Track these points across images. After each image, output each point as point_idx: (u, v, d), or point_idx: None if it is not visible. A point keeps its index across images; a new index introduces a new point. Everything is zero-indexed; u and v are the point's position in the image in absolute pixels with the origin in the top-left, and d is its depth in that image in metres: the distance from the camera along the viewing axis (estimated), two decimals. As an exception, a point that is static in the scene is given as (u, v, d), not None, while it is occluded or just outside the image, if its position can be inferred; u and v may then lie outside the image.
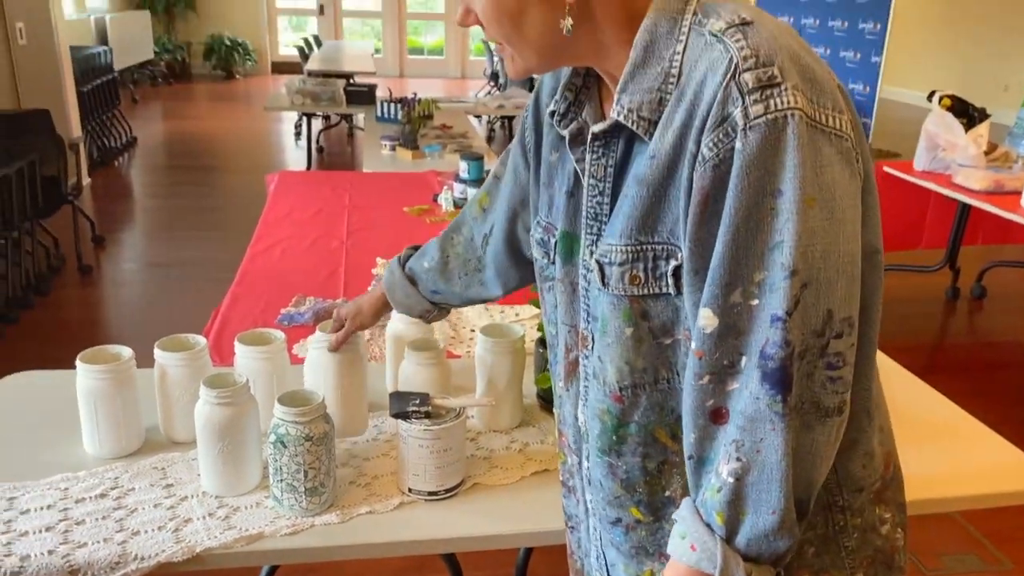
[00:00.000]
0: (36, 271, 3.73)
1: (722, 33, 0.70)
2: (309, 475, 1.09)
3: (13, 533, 1.06)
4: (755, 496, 0.70)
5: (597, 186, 0.81)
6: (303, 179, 3.06)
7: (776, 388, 0.68)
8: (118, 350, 1.25)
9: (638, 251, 0.77)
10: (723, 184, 0.68)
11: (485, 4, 0.77)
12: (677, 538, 0.75)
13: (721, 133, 0.68)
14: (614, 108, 0.77)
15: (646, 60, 0.74)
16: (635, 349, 0.79)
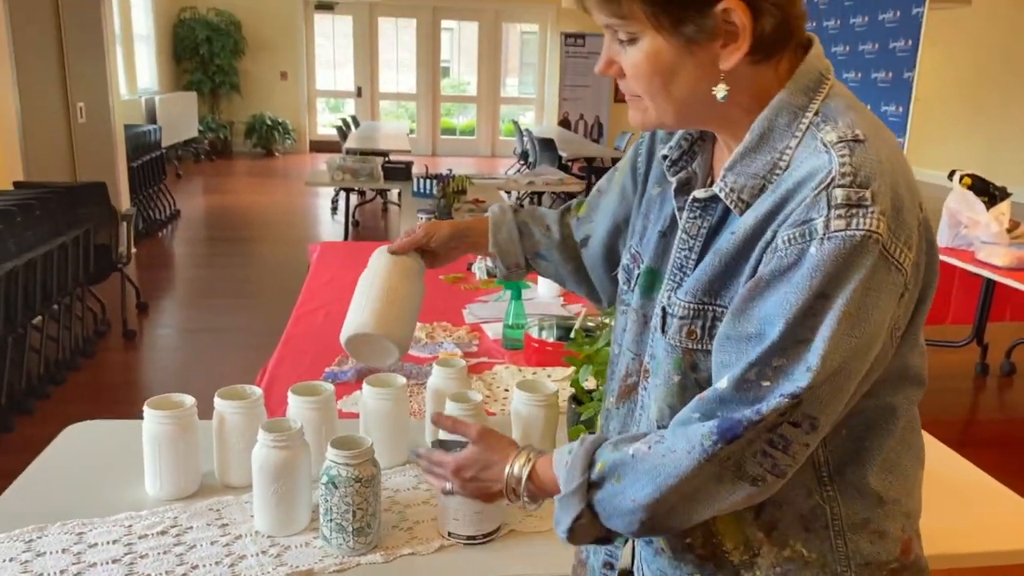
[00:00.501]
0: (84, 335, 3.88)
1: (832, 144, 0.74)
2: (357, 515, 1.16)
3: (83, 564, 1.14)
4: (633, 478, 0.80)
5: (688, 242, 0.86)
6: (344, 248, 3.20)
7: (720, 438, 0.75)
8: (181, 398, 1.35)
9: (700, 310, 0.83)
10: (783, 278, 0.73)
11: (640, 60, 0.79)
12: (565, 451, 0.88)
13: (798, 232, 0.73)
14: (718, 183, 0.82)
15: (759, 147, 0.79)
16: (679, 395, 0.85)
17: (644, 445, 0.81)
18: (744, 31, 0.75)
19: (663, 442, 0.79)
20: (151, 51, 10.55)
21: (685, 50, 0.77)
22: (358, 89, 12.60)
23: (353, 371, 1.87)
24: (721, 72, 0.78)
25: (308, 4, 11.99)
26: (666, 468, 0.78)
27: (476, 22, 12.61)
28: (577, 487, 0.84)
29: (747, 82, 0.79)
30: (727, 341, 0.78)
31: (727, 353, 0.78)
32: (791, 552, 0.84)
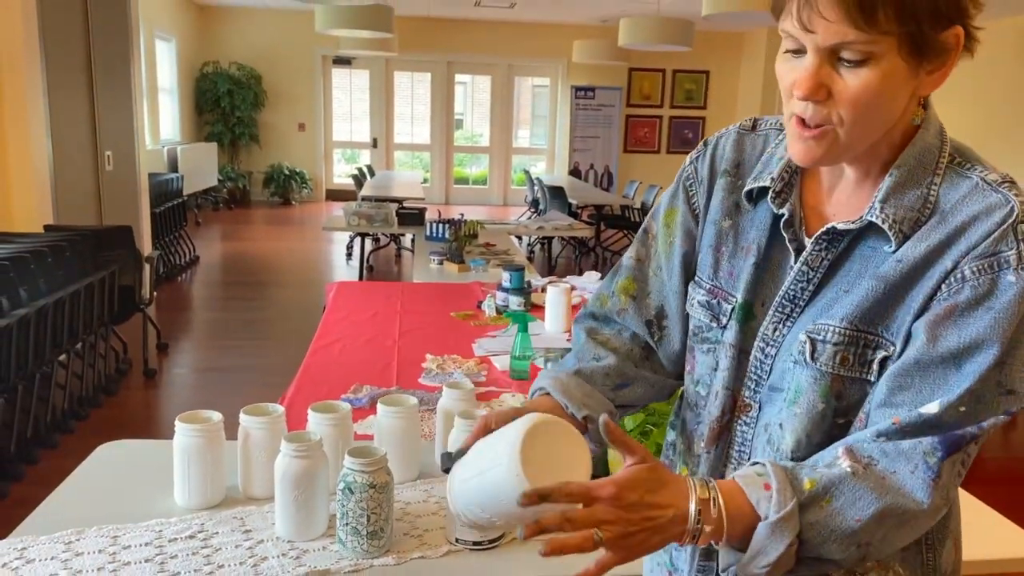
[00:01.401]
0: (106, 372, 4.00)
1: (998, 185, 0.81)
2: (371, 519, 1.25)
3: (118, 563, 1.23)
4: (853, 495, 0.76)
5: (808, 274, 0.87)
6: (359, 288, 3.32)
7: (945, 452, 0.77)
8: (209, 414, 1.46)
9: (855, 336, 0.83)
10: (981, 305, 0.77)
11: (871, 81, 0.76)
12: (753, 473, 0.80)
13: (987, 264, 0.77)
14: (874, 214, 0.83)
15: (908, 181, 0.82)
16: (819, 424, 0.85)
17: (856, 463, 0.78)
18: (954, 57, 0.77)
19: (878, 461, 0.78)
20: (174, 103, 10.91)
21: (913, 73, 0.77)
22: (374, 140, 12.92)
23: (368, 398, 1.98)
24: (920, 98, 0.81)
25: (326, 59, 12.38)
26: (891, 486, 0.76)
27: (489, 76, 12.96)
28: (791, 510, 0.76)
29: (906, 116, 0.82)
30: (915, 366, 0.79)
31: (913, 378, 0.79)
32: (893, 574, 0.87)
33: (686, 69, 12.70)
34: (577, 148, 12.62)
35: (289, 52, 12.07)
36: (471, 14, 11.65)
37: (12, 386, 3.05)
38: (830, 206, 0.90)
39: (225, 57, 11.87)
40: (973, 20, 0.78)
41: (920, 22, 0.74)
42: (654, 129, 12.92)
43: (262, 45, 11.99)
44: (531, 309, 2.83)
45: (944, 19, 0.75)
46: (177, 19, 10.81)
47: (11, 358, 3.01)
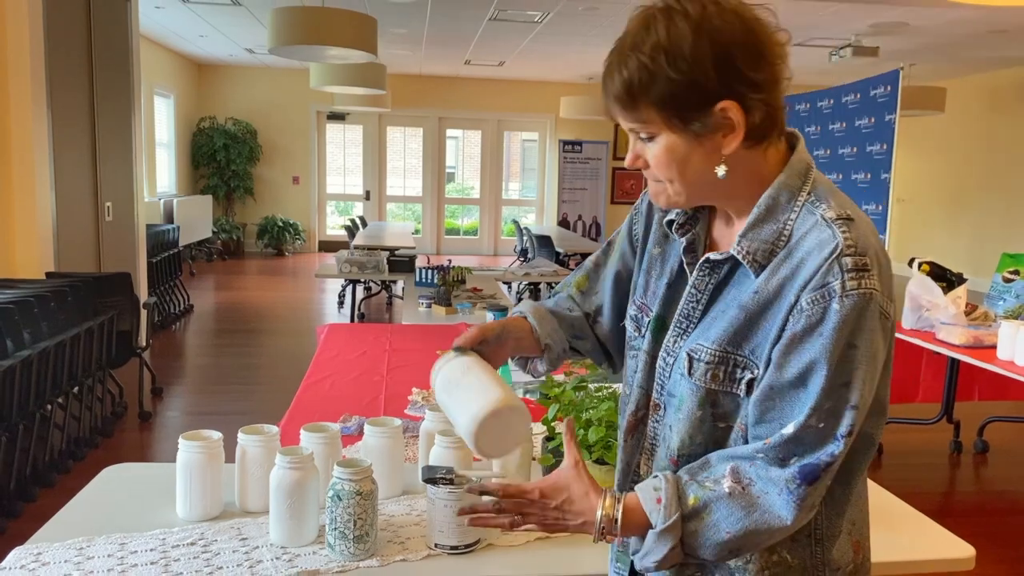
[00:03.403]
0: (103, 415, 4.10)
1: (832, 221, 0.92)
2: (358, 524, 1.38)
3: (127, 565, 1.35)
4: (726, 512, 0.92)
5: (696, 295, 1.02)
6: (349, 329, 3.46)
7: (804, 481, 0.90)
8: (209, 433, 1.59)
9: (724, 357, 0.97)
10: (814, 332, 0.89)
11: (659, 153, 0.95)
12: (650, 487, 0.96)
13: (819, 295, 0.89)
14: (734, 247, 0.97)
15: (766, 218, 0.96)
16: (698, 427, 1.00)
17: (736, 485, 0.92)
18: (739, 124, 0.92)
19: (755, 484, 0.92)
20: (171, 157, 11.17)
21: (695, 142, 0.94)
22: (366, 193, 13.19)
23: (356, 426, 2.11)
24: (723, 156, 0.95)
25: (321, 114, 12.72)
26: (761, 506, 0.91)
27: (479, 131, 13.32)
28: (674, 522, 0.92)
29: (744, 163, 0.97)
30: (771, 391, 0.93)
31: (773, 401, 0.93)
32: (778, 558, 1.00)
33: (670, 123, 13.08)
34: (566, 200, 12.91)
35: (284, 108, 12.41)
36: (461, 72, 12.04)
37: (14, 425, 3.15)
38: (728, 238, 1.05)
39: (222, 113, 12.18)
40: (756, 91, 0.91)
41: (677, 109, 0.92)
42: (640, 181, 13.23)
43: (258, 101, 12.33)
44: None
45: (703, 102, 0.91)
46: (176, 76, 11.14)
47: (13, 398, 3.12)
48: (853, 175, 8.29)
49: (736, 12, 0.92)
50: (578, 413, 1.58)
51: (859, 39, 8.25)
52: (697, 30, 0.90)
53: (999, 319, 3.62)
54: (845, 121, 8.52)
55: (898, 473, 3.91)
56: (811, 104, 9.19)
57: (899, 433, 4.37)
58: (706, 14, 0.91)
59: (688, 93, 0.91)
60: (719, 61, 0.90)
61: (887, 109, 7.69)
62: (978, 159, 10.45)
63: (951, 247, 10.61)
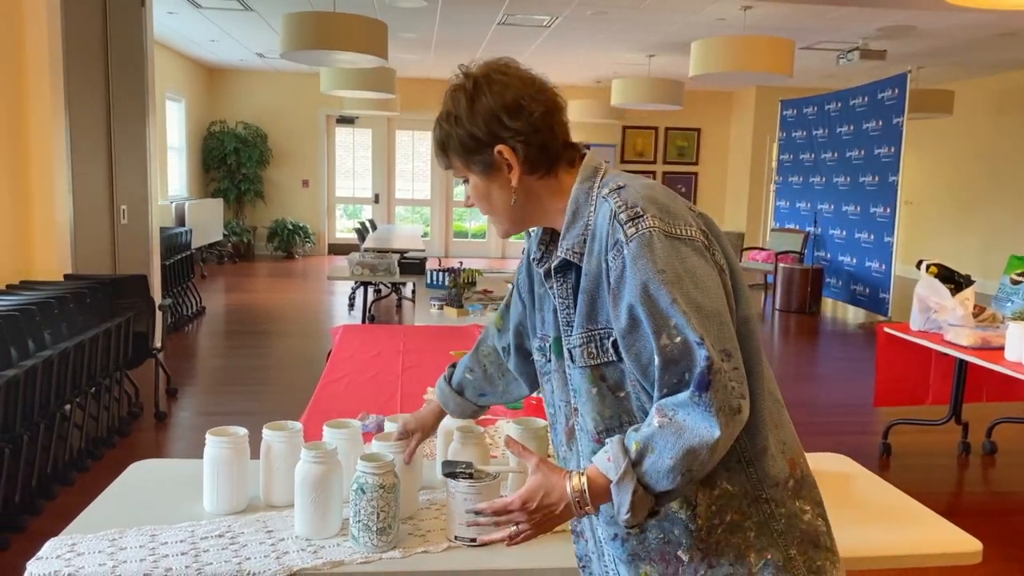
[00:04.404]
0: (120, 415, 4.16)
1: (607, 196, 1.15)
2: (381, 516, 1.43)
3: (158, 555, 1.40)
4: (663, 442, 1.04)
5: (564, 302, 1.21)
6: (363, 330, 3.51)
7: (699, 389, 1.03)
8: (236, 429, 1.64)
9: (590, 335, 1.16)
10: (622, 278, 1.08)
11: (472, 190, 1.25)
12: (601, 453, 1.09)
13: (615, 251, 1.10)
14: (558, 251, 1.19)
15: (574, 219, 1.18)
16: (601, 402, 1.16)
17: (663, 418, 1.04)
18: (513, 160, 1.19)
19: (677, 412, 1.03)
20: (183, 160, 11.27)
21: (489, 179, 1.22)
22: (375, 196, 13.26)
23: (374, 423, 2.15)
24: (512, 188, 1.21)
25: (330, 118, 12.80)
26: (687, 427, 1.02)
27: (487, 133, 13.36)
28: (625, 468, 1.05)
29: (542, 189, 1.22)
30: (624, 341, 1.10)
31: (633, 348, 1.09)
32: (719, 491, 1.12)
33: (678, 127, 13.13)
34: (573, 202, 12.93)
35: (294, 112, 12.49)
36: (470, 75, 12.07)
37: (35, 424, 3.21)
38: None
39: (232, 117, 12.28)
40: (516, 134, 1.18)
41: (467, 155, 1.22)
42: (648, 184, 13.26)
43: (268, 105, 12.42)
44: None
45: (483, 147, 1.20)
46: (188, 81, 11.24)
47: (35, 398, 3.18)
48: (861, 178, 8.30)
49: (502, 82, 1.19)
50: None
51: (866, 42, 8.26)
52: (470, 99, 1.20)
53: (1007, 321, 3.65)
54: (853, 124, 8.54)
55: (907, 474, 3.94)
56: (819, 107, 9.21)
57: (908, 434, 4.40)
58: (477, 86, 1.19)
59: (470, 143, 1.20)
60: (487, 118, 1.19)
61: (895, 112, 7.71)
62: (986, 161, 10.45)
63: (959, 249, 10.60)
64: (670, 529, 1.13)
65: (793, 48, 6.20)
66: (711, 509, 1.12)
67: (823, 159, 9.16)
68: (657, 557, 1.15)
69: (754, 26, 7.56)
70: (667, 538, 1.14)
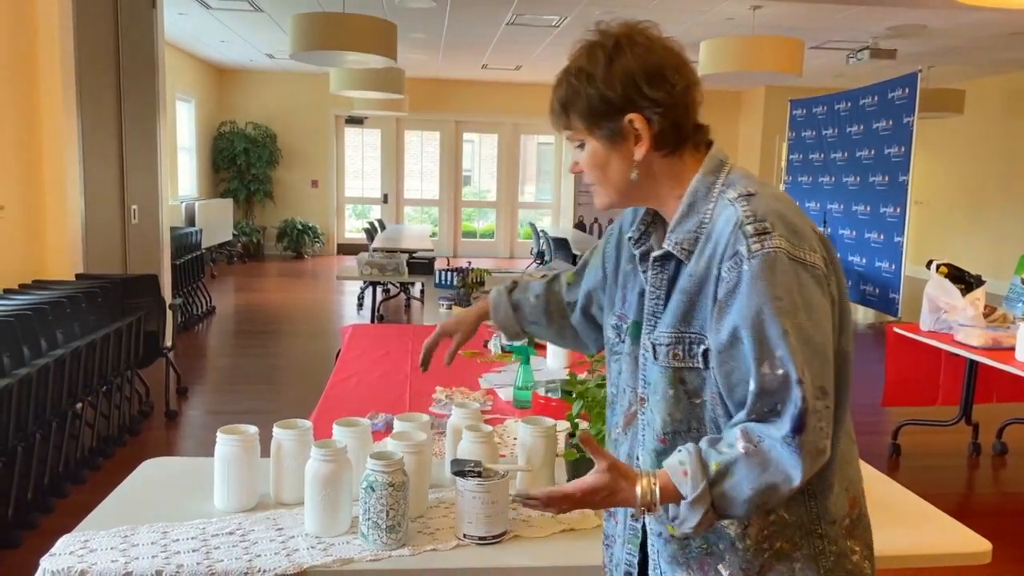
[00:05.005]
0: (131, 413, 4.19)
1: (734, 200, 1.08)
2: (390, 514, 1.44)
3: (170, 552, 1.41)
4: (746, 471, 1.00)
5: (655, 292, 1.16)
6: (372, 330, 3.52)
7: (795, 430, 0.99)
8: (246, 428, 1.65)
9: (679, 337, 1.11)
10: (735, 294, 1.02)
11: (587, 156, 1.17)
12: (676, 462, 1.04)
13: (732, 262, 1.03)
14: (666, 242, 1.13)
15: (689, 213, 1.12)
16: (675, 405, 1.12)
17: (750, 445, 1.00)
18: (644, 132, 1.12)
19: (764, 440, 1.00)
20: (192, 160, 11.32)
21: (611, 148, 1.14)
22: (384, 196, 13.29)
23: (383, 422, 2.16)
24: (635, 162, 1.14)
25: (339, 118, 12.83)
26: (773, 461, 0.99)
27: (495, 134, 13.38)
28: (703, 489, 1.01)
29: (662, 169, 1.15)
30: (718, 356, 1.05)
31: (727, 365, 1.04)
32: (775, 517, 1.09)
33: (687, 126, 13.08)
34: (582, 202, 12.94)
35: (304, 112, 12.53)
36: (478, 76, 12.11)
37: (47, 422, 3.24)
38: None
39: (242, 117, 12.32)
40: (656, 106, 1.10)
41: (594, 118, 1.13)
42: (657, 184, 13.25)
43: (278, 105, 12.46)
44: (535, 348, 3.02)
45: (614, 113, 1.12)
46: (197, 81, 11.29)
47: (47, 396, 3.21)
48: (871, 177, 8.26)
49: (646, 45, 1.12)
50: (601, 409, 1.63)
51: (876, 41, 8.23)
52: (609, 58, 1.11)
53: (1017, 321, 3.63)
54: (863, 124, 8.50)
55: (917, 474, 3.92)
56: (828, 107, 9.18)
57: (918, 435, 4.38)
58: (619, 46, 1.12)
59: (601, 106, 1.12)
60: (625, 82, 1.10)
61: (905, 111, 7.67)
62: (997, 161, 10.39)
63: (970, 249, 10.54)
64: (715, 542, 1.12)
65: (802, 48, 6.19)
66: (763, 533, 1.09)
67: (833, 159, 9.13)
68: (696, 565, 1.14)
69: (763, 25, 7.54)
70: (711, 550, 1.12)
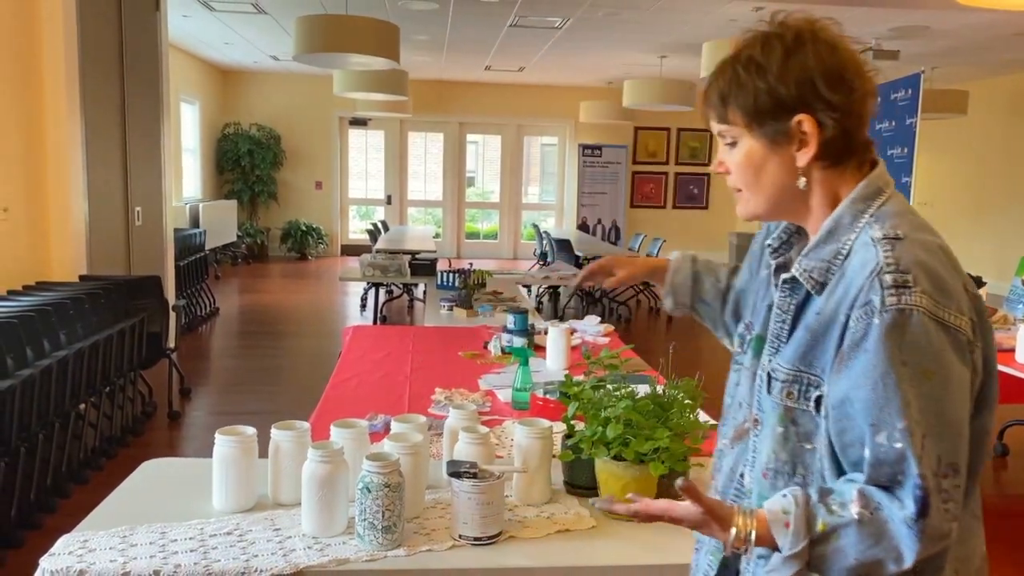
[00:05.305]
0: (133, 414, 4.21)
1: (877, 241, 0.96)
2: (386, 515, 1.45)
3: (168, 552, 1.43)
4: (855, 540, 0.92)
5: (781, 316, 1.07)
6: (374, 331, 3.54)
7: (920, 514, 0.90)
8: (244, 429, 1.66)
9: (797, 376, 1.02)
10: (859, 348, 0.92)
11: (739, 157, 1.06)
12: (779, 509, 0.96)
13: (863, 312, 0.92)
14: (794, 267, 1.04)
15: (827, 239, 1.02)
16: (782, 444, 1.04)
17: (865, 510, 0.92)
18: (812, 137, 1.01)
19: (882, 509, 0.91)
20: (197, 162, 11.36)
21: (770, 149, 1.04)
22: (388, 197, 13.32)
23: (382, 423, 2.18)
24: (799, 168, 1.04)
25: (343, 120, 12.86)
26: (888, 535, 0.91)
27: (499, 136, 13.40)
28: (802, 549, 0.93)
29: (820, 183, 1.05)
30: (833, 410, 0.96)
31: (841, 423, 0.96)
32: None
33: (690, 128, 13.10)
34: (585, 204, 12.95)
35: (308, 114, 12.57)
36: (482, 77, 12.13)
37: (50, 423, 3.26)
38: None
39: (246, 118, 12.37)
40: (832, 110, 1.00)
41: (757, 114, 1.03)
42: (660, 185, 13.26)
43: (282, 107, 12.50)
44: (534, 350, 3.03)
45: (783, 111, 1.01)
46: (202, 83, 11.33)
47: (50, 398, 3.23)
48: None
49: (830, 44, 1.02)
50: (597, 411, 1.64)
51: (879, 43, 8.22)
52: (787, 52, 1.01)
53: (1018, 322, 3.63)
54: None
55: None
56: (832, 108, 9.15)
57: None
58: (800, 40, 1.01)
59: (768, 100, 1.01)
60: (800, 79, 1.00)
61: (908, 112, 7.66)
62: (1001, 162, 10.36)
63: (972, 250, 10.51)
64: None
65: (805, 49, 6.19)
66: None
67: (836, 160, 9.12)
68: None
69: (766, 27, 7.53)
70: None
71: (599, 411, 1.64)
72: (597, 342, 3.27)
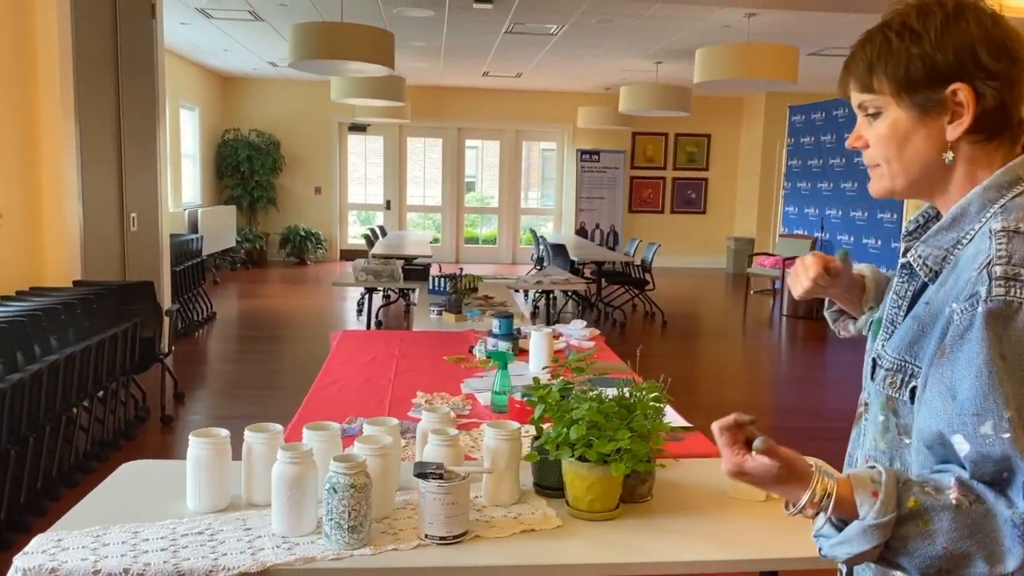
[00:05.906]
0: (126, 418, 4.25)
1: (995, 233, 0.91)
2: (352, 515, 1.48)
3: (138, 551, 1.46)
4: (948, 526, 0.85)
5: (897, 301, 1.03)
6: (361, 335, 3.57)
7: None
8: (218, 431, 1.70)
9: (901, 365, 0.98)
10: (963, 339, 0.87)
11: (882, 129, 0.99)
12: (867, 478, 0.90)
13: (967, 304, 0.88)
14: (911, 253, 0.99)
15: (950, 227, 0.96)
16: (882, 434, 1.02)
17: (964, 498, 0.86)
18: (968, 108, 0.94)
19: (984, 501, 0.86)
20: (196, 168, 11.42)
21: (919, 120, 0.97)
22: (387, 202, 13.37)
23: (360, 427, 2.21)
24: (948, 142, 0.96)
25: (342, 126, 12.93)
26: (987, 529, 0.84)
27: (498, 141, 13.45)
28: (887, 521, 0.87)
29: (967, 159, 0.97)
30: (926, 405, 0.92)
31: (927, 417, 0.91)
32: None
33: (688, 133, 13.14)
34: (583, 208, 13.00)
35: (307, 120, 12.63)
36: (480, 83, 12.18)
37: (41, 427, 3.30)
38: None
39: (245, 124, 12.43)
40: (992, 78, 0.94)
41: (908, 82, 0.96)
42: (658, 190, 13.29)
43: (281, 113, 12.57)
44: (519, 354, 3.06)
45: (938, 80, 0.95)
46: (201, 90, 11.41)
47: (41, 401, 3.26)
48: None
49: (992, 16, 0.97)
50: (563, 413, 1.67)
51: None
52: (947, 18, 0.95)
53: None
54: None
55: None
56: (826, 113, 9.21)
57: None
58: (961, 9, 0.95)
59: (923, 68, 0.95)
60: (961, 46, 0.94)
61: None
62: (999, 167, 10.37)
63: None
64: None
65: (797, 55, 6.22)
66: None
67: (831, 165, 9.15)
68: None
69: (760, 33, 7.58)
70: None
71: (566, 413, 1.67)
72: (582, 346, 3.30)
